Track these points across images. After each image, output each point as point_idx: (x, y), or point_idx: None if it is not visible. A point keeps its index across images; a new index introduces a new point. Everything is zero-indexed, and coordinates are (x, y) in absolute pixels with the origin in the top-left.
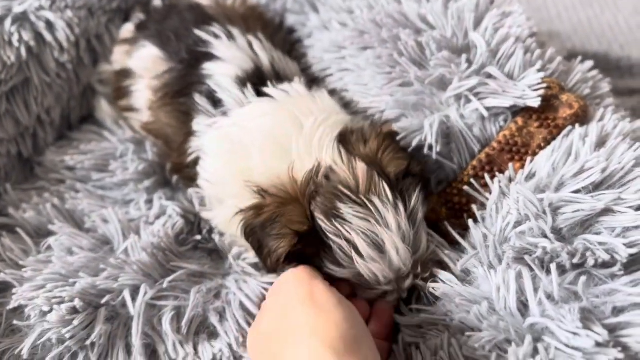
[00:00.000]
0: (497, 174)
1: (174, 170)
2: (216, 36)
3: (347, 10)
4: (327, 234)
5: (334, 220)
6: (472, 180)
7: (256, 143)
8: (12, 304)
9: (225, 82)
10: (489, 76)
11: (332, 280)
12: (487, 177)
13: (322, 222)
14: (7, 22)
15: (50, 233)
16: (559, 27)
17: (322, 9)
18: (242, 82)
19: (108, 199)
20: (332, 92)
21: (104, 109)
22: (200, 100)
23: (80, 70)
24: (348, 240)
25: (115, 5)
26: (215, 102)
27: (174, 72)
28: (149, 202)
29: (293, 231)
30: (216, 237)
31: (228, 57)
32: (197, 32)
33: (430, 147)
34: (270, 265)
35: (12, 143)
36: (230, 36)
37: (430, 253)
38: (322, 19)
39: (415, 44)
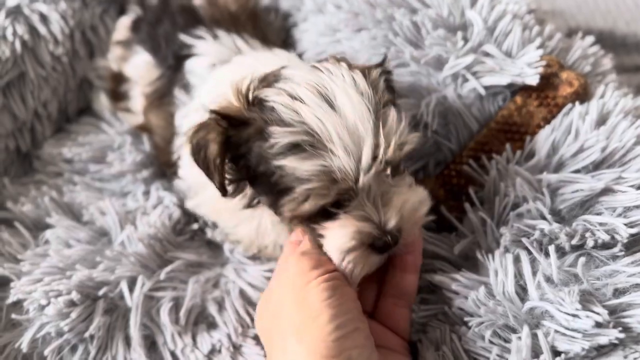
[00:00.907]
0: (494, 155)
1: (165, 166)
2: (200, 38)
3: None
4: (267, 99)
5: (274, 85)
6: (470, 162)
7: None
8: (11, 298)
9: (199, 70)
10: (486, 54)
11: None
12: (484, 158)
13: (262, 92)
14: (1, 16)
15: (49, 226)
16: (562, 4)
17: None
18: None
19: (106, 191)
20: None
21: (102, 101)
22: (178, 93)
23: (75, 62)
24: (291, 95)
25: None
26: (188, 90)
27: (163, 79)
28: (146, 193)
29: (219, 116)
30: (208, 232)
31: (207, 52)
32: (183, 37)
33: (427, 126)
34: (217, 178)
35: (10, 138)
36: (215, 37)
37: (402, 132)
38: (317, 3)
39: (411, 24)
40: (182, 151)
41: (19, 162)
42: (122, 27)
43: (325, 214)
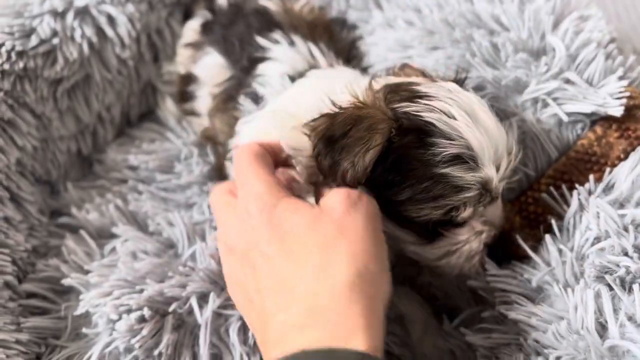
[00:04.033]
0: (576, 185)
1: (216, 170)
2: (277, 42)
3: (414, 9)
4: (419, 115)
5: (421, 100)
6: (551, 189)
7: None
8: (79, 310)
9: (271, 79)
10: (567, 81)
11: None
12: (564, 187)
13: (409, 107)
14: (69, 16)
15: (113, 235)
16: (618, 26)
17: (386, 6)
18: (290, 80)
19: (171, 201)
20: None
21: (169, 107)
22: (244, 101)
23: (140, 66)
24: (444, 112)
25: None
26: (257, 101)
27: (233, 81)
28: None
29: (382, 128)
30: None
31: (283, 58)
32: (259, 39)
33: None
34: (353, 177)
35: (72, 140)
36: (291, 43)
37: (512, 137)
38: (387, 17)
39: (490, 45)
40: None
41: (79, 165)
42: (191, 30)
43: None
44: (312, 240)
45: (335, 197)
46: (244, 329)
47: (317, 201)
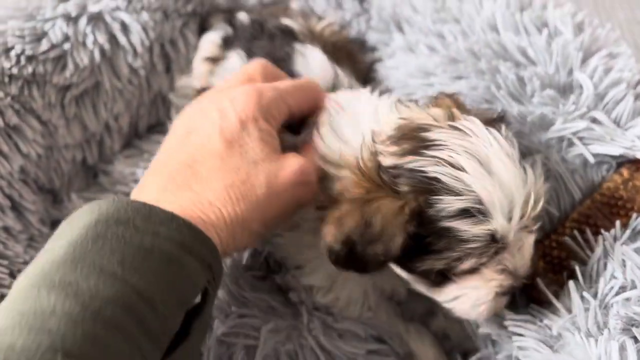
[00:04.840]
0: (601, 230)
1: None
2: (303, 55)
3: (437, 34)
4: (425, 170)
5: (426, 152)
6: (575, 233)
7: None
8: None
9: None
10: (594, 120)
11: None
12: (589, 232)
13: (415, 161)
14: (82, 22)
15: None
16: None
17: (407, 29)
18: None
19: None
20: None
21: None
22: None
23: (152, 76)
24: (452, 164)
25: (191, 9)
26: None
27: None
28: None
29: (401, 224)
30: (277, 278)
31: (307, 71)
32: (286, 48)
33: None
34: (378, 266)
35: (77, 149)
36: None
37: (539, 187)
38: (408, 40)
39: (516, 78)
40: None
41: (83, 174)
42: (210, 43)
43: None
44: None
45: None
46: (247, 357)
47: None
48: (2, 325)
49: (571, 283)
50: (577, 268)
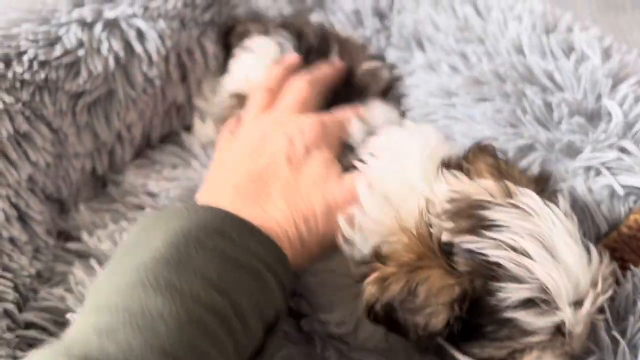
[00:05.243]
0: (629, 265)
1: None
2: None
3: (460, 54)
4: (485, 252)
5: (486, 232)
6: None
7: None
8: None
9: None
10: (623, 150)
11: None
12: (616, 266)
13: (474, 242)
14: (97, 28)
15: None
16: None
17: (429, 47)
18: None
19: None
20: None
21: (208, 131)
22: None
23: (167, 86)
24: (515, 248)
25: (208, 18)
26: None
27: None
28: None
29: (448, 302)
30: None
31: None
32: None
33: None
34: (421, 341)
35: (87, 158)
36: None
37: (606, 266)
38: (429, 59)
39: (543, 103)
40: None
41: (91, 184)
42: (241, 76)
43: None
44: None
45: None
46: None
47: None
48: (112, 321)
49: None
50: (605, 306)
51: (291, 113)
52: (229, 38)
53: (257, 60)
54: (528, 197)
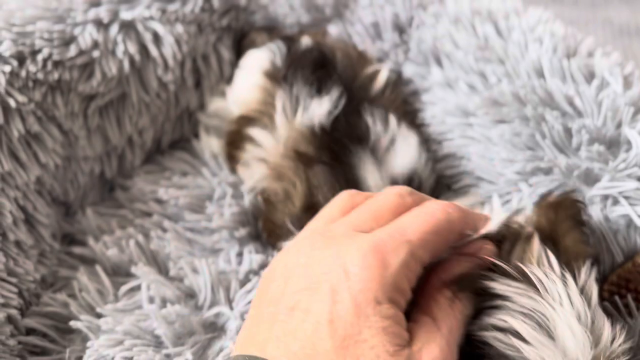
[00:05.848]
0: None
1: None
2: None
3: (479, 73)
4: (478, 337)
5: (485, 310)
6: (616, 298)
7: None
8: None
9: None
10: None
11: None
12: (629, 297)
13: (471, 324)
14: (113, 29)
15: (129, 274)
16: None
17: (447, 64)
18: None
19: (196, 244)
20: (448, 157)
21: (213, 147)
22: None
23: (181, 92)
24: (507, 330)
25: (226, 23)
26: None
27: None
28: (240, 255)
29: None
30: None
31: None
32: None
33: None
34: None
35: (96, 161)
36: None
37: (619, 346)
38: (447, 76)
39: (562, 129)
40: None
41: (99, 188)
42: (235, 93)
43: None
44: None
45: None
46: None
47: None
48: None
49: None
50: None
51: (345, 247)
52: (240, 46)
53: (245, 78)
54: (540, 269)
